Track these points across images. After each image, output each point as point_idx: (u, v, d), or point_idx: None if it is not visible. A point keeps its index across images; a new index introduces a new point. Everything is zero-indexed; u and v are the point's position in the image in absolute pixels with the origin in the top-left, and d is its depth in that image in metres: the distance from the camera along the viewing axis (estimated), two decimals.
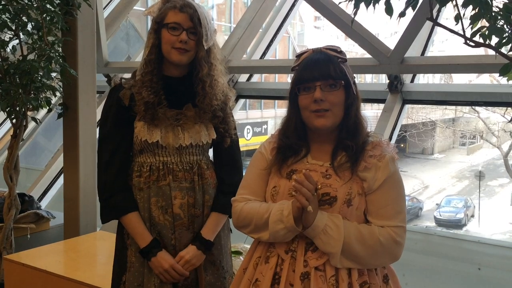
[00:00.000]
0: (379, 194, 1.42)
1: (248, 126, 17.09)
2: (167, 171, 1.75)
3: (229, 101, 1.87)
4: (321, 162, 1.46)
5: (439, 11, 3.14)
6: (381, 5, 1.43)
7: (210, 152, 1.93)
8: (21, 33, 2.96)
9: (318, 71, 1.42)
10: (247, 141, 16.86)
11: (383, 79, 4.01)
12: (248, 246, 2.29)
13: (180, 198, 1.75)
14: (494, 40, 1.32)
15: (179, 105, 1.78)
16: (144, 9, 1.87)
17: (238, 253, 2.19)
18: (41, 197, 4.53)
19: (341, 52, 1.47)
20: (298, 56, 1.51)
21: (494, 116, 16.68)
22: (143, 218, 1.76)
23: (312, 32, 24.61)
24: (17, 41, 3.02)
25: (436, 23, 1.39)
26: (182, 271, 1.73)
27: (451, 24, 1.44)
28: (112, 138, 1.78)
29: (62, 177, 4.64)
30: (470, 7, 1.32)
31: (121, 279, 1.79)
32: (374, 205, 1.42)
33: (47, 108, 3.01)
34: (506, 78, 1.51)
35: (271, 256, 1.46)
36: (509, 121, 1.61)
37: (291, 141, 1.50)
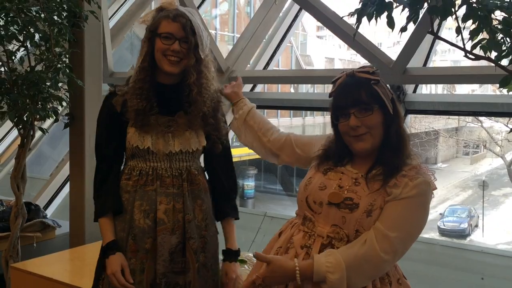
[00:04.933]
0: (395, 205, 1.41)
1: None
2: (156, 176, 1.79)
3: (220, 107, 1.91)
4: (356, 170, 1.50)
5: (440, 23, 3.18)
6: (383, 18, 1.47)
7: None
8: (28, 44, 3.01)
9: (350, 98, 1.46)
10: (250, 150, 16.79)
11: None
12: (251, 254, 2.32)
13: (165, 204, 1.78)
14: (495, 52, 1.35)
15: (172, 112, 1.82)
16: None
17: (243, 261, 2.21)
18: (46, 206, 4.57)
19: (373, 73, 1.48)
20: (334, 82, 1.55)
21: (497, 126, 16.69)
22: (124, 220, 1.80)
23: (315, 41, 24.71)
24: (24, 52, 3.07)
25: (437, 37, 1.42)
26: (123, 282, 1.74)
27: (453, 34, 1.47)
28: (105, 145, 1.84)
29: (67, 186, 4.69)
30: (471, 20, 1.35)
31: (101, 275, 1.85)
32: (385, 212, 1.42)
33: (54, 118, 3.05)
34: (506, 89, 1.54)
35: (291, 247, 1.53)
36: (511, 131, 1.62)
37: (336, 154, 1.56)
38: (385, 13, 1.43)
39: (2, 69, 3.00)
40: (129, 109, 1.78)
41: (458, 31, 1.39)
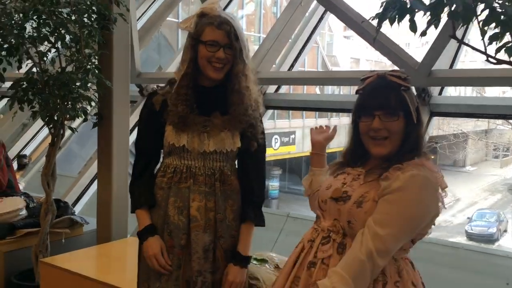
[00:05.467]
0: (385, 199, 1.42)
1: (276, 136, 17.14)
2: (190, 174, 1.84)
3: (259, 108, 1.94)
4: (361, 169, 1.55)
5: (466, 27, 3.15)
6: (406, 20, 1.47)
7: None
8: (59, 46, 3.10)
9: (379, 100, 1.47)
10: (275, 151, 16.88)
11: None
12: (274, 255, 2.35)
13: (198, 201, 1.82)
14: None
15: (208, 112, 1.86)
16: (175, 20, 1.96)
17: (264, 261, 2.25)
18: (74, 203, 4.67)
19: (405, 79, 1.48)
20: (363, 79, 1.56)
21: None
22: (158, 216, 1.86)
23: (341, 42, 24.55)
24: (55, 53, 3.16)
25: (459, 41, 1.43)
26: (163, 264, 1.81)
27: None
28: (141, 141, 1.95)
29: (95, 184, 4.79)
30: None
31: (140, 269, 1.94)
32: (376, 208, 1.43)
33: (83, 117, 3.13)
34: None
35: (301, 242, 1.61)
36: None
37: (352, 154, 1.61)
38: (408, 17, 1.44)
39: (34, 69, 3.10)
40: (170, 112, 1.83)
41: (483, 34, 1.40)
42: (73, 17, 3.02)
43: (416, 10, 1.31)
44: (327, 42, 22.77)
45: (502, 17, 1.31)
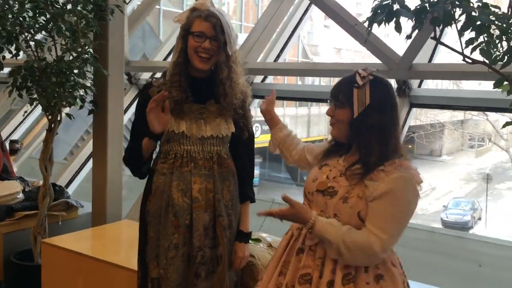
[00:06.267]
0: (377, 204, 1.56)
1: (257, 124, 17.23)
2: (190, 158, 1.99)
3: (247, 99, 2.10)
4: (344, 164, 1.70)
5: (443, 28, 3.33)
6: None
7: None
8: (55, 35, 3.19)
9: (333, 91, 1.70)
10: (256, 139, 16.88)
11: (392, 83, 4.18)
12: (266, 235, 2.53)
13: (199, 183, 1.97)
14: (486, 60, 1.53)
15: (203, 101, 2.01)
16: (158, 7, 2.08)
17: (258, 240, 2.41)
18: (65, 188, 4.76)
19: (364, 77, 1.62)
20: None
21: (503, 119, 16.74)
22: (162, 200, 2.00)
23: (321, 31, 24.66)
24: (51, 42, 3.25)
25: (438, 42, 1.60)
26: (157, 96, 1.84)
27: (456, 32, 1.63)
28: (138, 129, 2.05)
29: (84, 169, 4.90)
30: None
31: (145, 249, 2.06)
32: (370, 212, 1.58)
33: (80, 104, 3.24)
34: (501, 90, 1.72)
35: (290, 229, 1.79)
36: (505, 125, 1.81)
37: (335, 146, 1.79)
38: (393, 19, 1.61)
39: (32, 57, 3.18)
40: (167, 99, 1.93)
41: (460, 35, 1.57)
42: (69, 7, 3.10)
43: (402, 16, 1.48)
44: (307, 31, 22.87)
45: (477, 22, 1.49)
